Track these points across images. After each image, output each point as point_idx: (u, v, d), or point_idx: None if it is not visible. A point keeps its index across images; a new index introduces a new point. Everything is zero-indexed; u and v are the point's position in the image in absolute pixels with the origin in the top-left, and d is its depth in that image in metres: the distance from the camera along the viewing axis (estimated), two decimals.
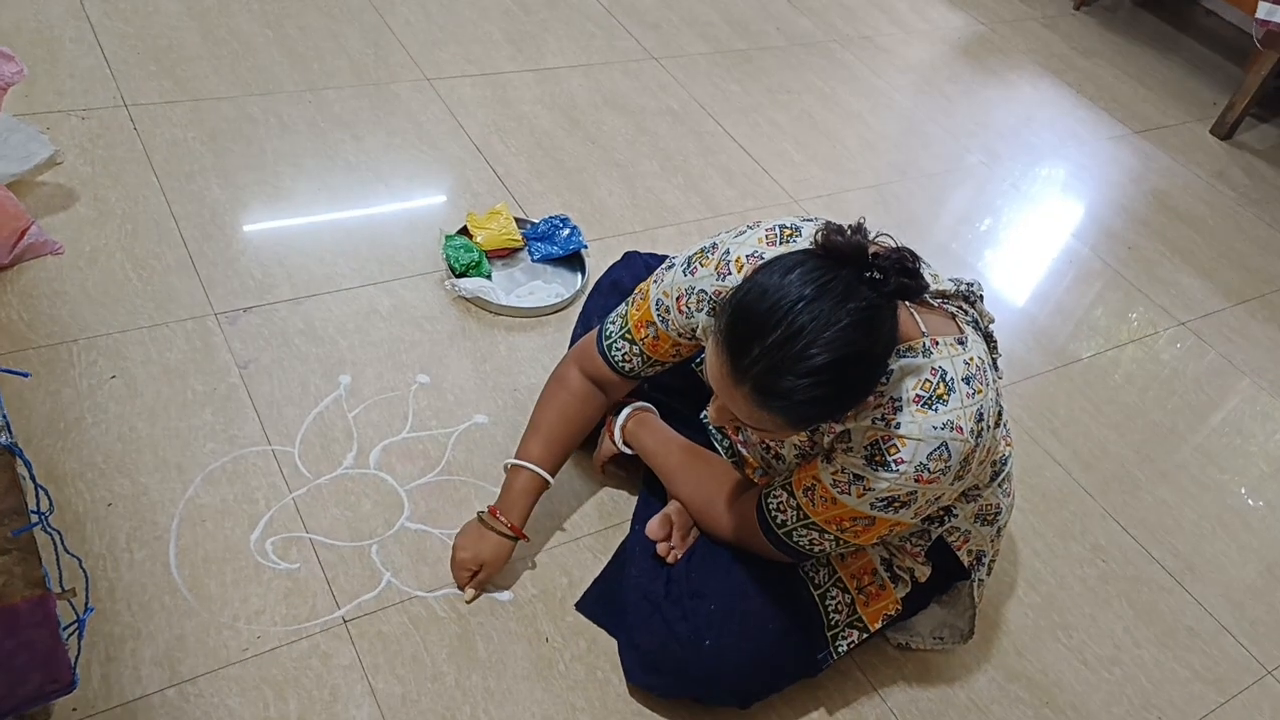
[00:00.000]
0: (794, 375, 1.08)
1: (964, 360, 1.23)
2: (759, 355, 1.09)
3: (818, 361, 1.07)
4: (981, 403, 1.23)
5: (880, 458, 1.21)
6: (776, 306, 1.09)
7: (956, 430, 1.20)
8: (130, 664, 1.33)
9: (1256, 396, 2.39)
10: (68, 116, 2.10)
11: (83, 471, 1.52)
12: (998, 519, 1.49)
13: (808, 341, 1.07)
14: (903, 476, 1.21)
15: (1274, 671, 1.77)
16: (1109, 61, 3.69)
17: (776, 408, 1.11)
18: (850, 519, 1.28)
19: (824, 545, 1.34)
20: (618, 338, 1.47)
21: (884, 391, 1.22)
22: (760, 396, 1.11)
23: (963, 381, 1.21)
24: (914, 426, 1.19)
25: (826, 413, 1.15)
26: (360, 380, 1.77)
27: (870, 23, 3.46)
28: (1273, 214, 3.09)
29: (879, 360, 1.15)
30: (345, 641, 1.42)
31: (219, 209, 2.01)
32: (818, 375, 1.08)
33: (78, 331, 1.71)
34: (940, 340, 1.23)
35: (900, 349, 1.22)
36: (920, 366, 1.21)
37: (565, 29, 2.89)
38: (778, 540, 1.36)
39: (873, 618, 1.44)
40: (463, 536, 1.51)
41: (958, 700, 1.59)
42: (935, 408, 1.20)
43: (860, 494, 1.25)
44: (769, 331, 1.08)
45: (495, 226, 2.08)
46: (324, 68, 2.45)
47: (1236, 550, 1.98)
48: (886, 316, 1.13)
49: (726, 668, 1.37)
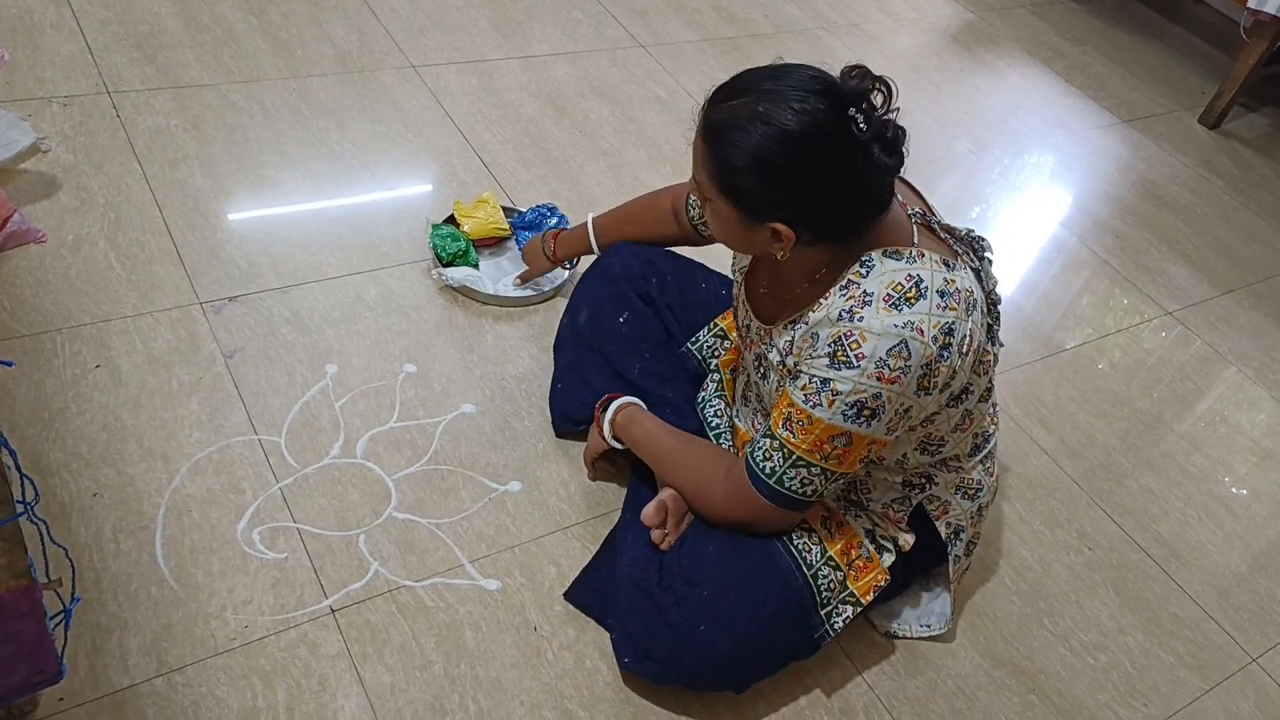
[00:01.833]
0: (732, 118, 1.21)
1: (945, 278, 1.25)
2: (722, 95, 1.24)
3: (756, 115, 1.19)
4: (953, 320, 1.24)
5: (843, 354, 1.25)
6: (756, 73, 1.24)
7: (917, 331, 1.23)
8: (117, 654, 1.33)
9: (1242, 385, 2.40)
10: (49, 103, 2.08)
11: (68, 461, 1.51)
12: (979, 496, 1.51)
13: (757, 100, 1.20)
14: (864, 374, 1.24)
15: (1258, 659, 1.78)
16: (1097, 50, 3.69)
17: (709, 141, 1.24)
18: (829, 438, 1.29)
19: (814, 484, 1.34)
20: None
21: (859, 284, 1.26)
22: (705, 129, 1.25)
23: (936, 293, 1.24)
24: (876, 321, 1.23)
25: (738, 177, 1.23)
26: (347, 370, 1.76)
27: (859, 10, 3.46)
28: (1260, 203, 3.10)
29: (806, 173, 1.21)
30: (333, 631, 1.42)
31: (203, 197, 1.99)
32: (747, 129, 1.19)
33: (61, 321, 1.69)
34: (928, 255, 1.27)
35: (887, 250, 1.27)
36: (899, 269, 1.25)
37: (551, 16, 2.88)
38: (771, 492, 1.36)
39: (864, 590, 1.45)
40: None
41: (944, 687, 1.59)
42: (900, 308, 1.23)
43: (830, 401, 1.27)
44: (738, 85, 1.24)
45: (482, 215, 2.07)
46: (308, 54, 2.44)
47: (1222, 538, 1.99)
48: (836, 145, 1.19)
49: (720, 653, 1.37)
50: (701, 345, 1.74)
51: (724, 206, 1.27)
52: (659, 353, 1.70)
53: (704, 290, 1.78)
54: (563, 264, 1.95)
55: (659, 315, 1.74)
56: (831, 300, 1.28)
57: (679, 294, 1.75)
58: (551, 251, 1.91)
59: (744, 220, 1.27)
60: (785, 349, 1.36)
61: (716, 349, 1.73)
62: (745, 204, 1.25)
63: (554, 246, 1.91)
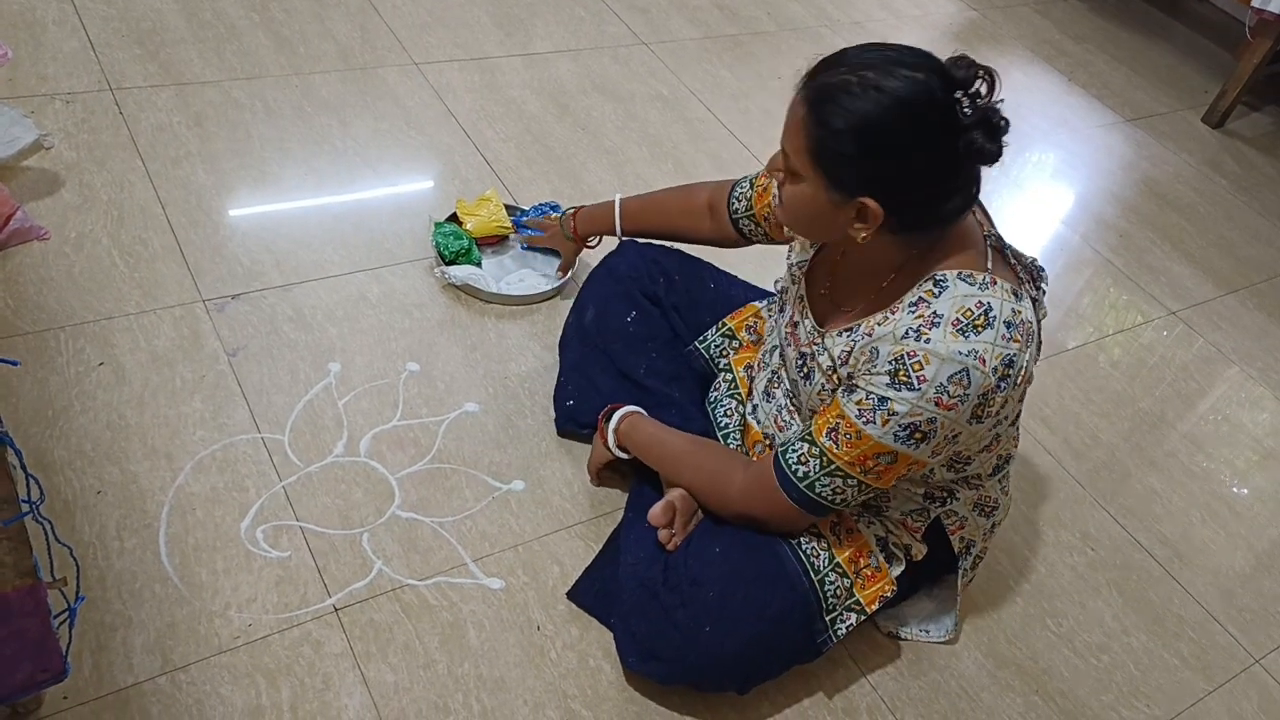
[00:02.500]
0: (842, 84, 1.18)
1: (1013, 309, 1.25)
2: (829, 67, 1.22)
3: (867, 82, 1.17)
4: (1015, 353, 1.24)
5: (904, 375, 1.24)
6: (864, 47, 1.22)
7: (980, 361, 1.22)
8: (121, 652, 1.33)
9: (1245, 385, 2.40)
10: (52, 100, 2.08)
11: (71, 459, 1.51)
12: (994, 514, 1.52)
13: (867, 70, 1.18)
14: (923, 397, 1.23)
15: (1261, 660, 1.78)
16: (1100, 48, 3.69)
17: (812, 105, 1.20)
18: (874, 455, 1.29)
19: (846, 494, 1.34)
20: (747, 180, 1.66)
21: (930, 304, 1.25)
22: (809, 95, 1.21)
23: (1004, 324, 1.23)
24: (941, 346, 1.22)
25: (841, 139, 1.19)
26: (350, 368, 1.76)
27: (862, 8, 3.45)
28: (1264, 202, 3.10)
29: (910, 149, 1.19)
30: (337, 629, 1.42)
31: (205, 194, 1.99)
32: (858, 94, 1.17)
33: (64, 319, 1.69)
34: (1000, 283, 1.26)
35: (962, 272, 1.26)
36: (971, 295, 1.24)
37: (554, 13, 2.87)
38: (799, 495, 1.36)
39: (869, 600, 1.45)
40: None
41: (948, 687, 1.59)
42: (968, 335, 1.22)
43: (885, 421, 1.26)
44: (845, 58, 1.21)
45: (485, 213, 2.07)
46: (310, 51, 2.44)
47: (1225, 538, 1.99)
48: (941, 127, 1.19)
49: (726, 654, 1.37)
50: (709, 345, 1.73)
51: (813, 178, 1.23)
52: (665, 352, 1.70)
53: (711, 290, 1.78)
54: (586, 242, 1.94)
55: (665, 315, 1.73)
56: (899, 316, 1.27)
57: (686, 294, 1.75)
58: (572, 230, 1.90)
59: (832, 195, 1.23)
60: (841, 358, 1.35)
61: (724, 349, 1.73)
62: (839, 173, 1.21)
63: (574, 225, 1.90)
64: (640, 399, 1.64)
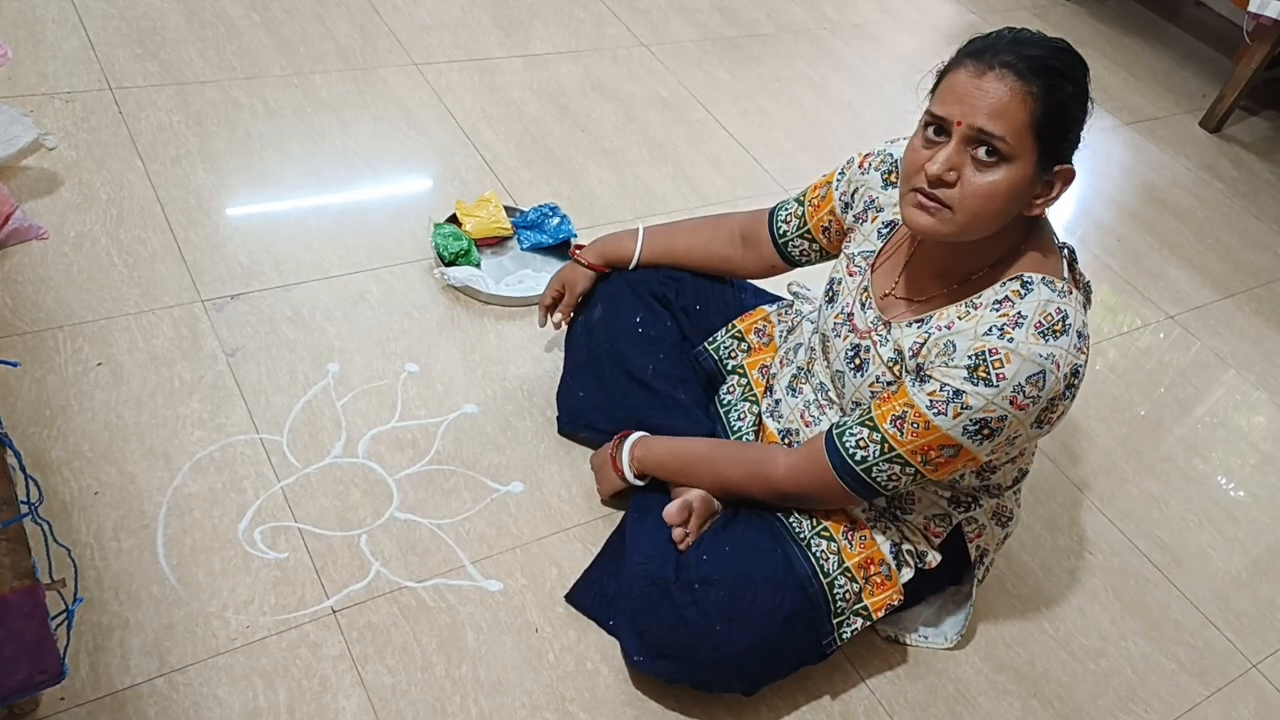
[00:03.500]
0: (1045, 49, 1.22)
1: (1084, 320, 1.29)
2: (1008, 41, 1.22)
3: (1059, 46, 1.23)
4: (1081, 364, 1.27)
5: (984, 370, 1.25)
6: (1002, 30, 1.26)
7: (1055, 365, 1.24)
8: (119, 654, 1.33)
9: (1242, 389, 2.40)
10: (51, 99, 2.08)
11: (69, 460, 1.51)
12: (1008, 524, 1.54)
13: (1044, 41, 1.23)
14: (1000, 394, 1.24)
15: (1258, 665, 1.79)
16: (1098, 52, 3.69)
17: (1033, 73, 1.20)
18: (939, 446, 1.30)
19: (901, 480, 1.35)
20: (791, 200, 1.64)
21: (1015, 303, 1.27)
22: (1014, 66, 1.20)
23: (1076, 333, 1.26)
24: (1024, 346, 1.24)
25: (1069, 101, 1.22)
26: (349, 369, 1.76)
27: (861, 10, 3.45)
28: (1261, 207, 3.10)
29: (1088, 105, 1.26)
30: (334, 631, 1.42)
31: (205, 194, 1.99)
32: (1065, 51, 1.23)
33: (63, 318, 1.69)
34: (1074, 292, 1.30)
35: (1045, 277, 1.29)
36: (1053, 300, 1.26)
37: (554, 15, 2.87)
38: (854, 478, 1.36)
39: (877, 606, 1.45)
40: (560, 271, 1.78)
41: (945, 691, 1.59)
42: (1048, 339, 1.24)
43: (956, 413, 1.27)
44: (1006, 34, 1.25)
45: (484, 214, 2.07)
46: (310, 52, 2.43)
47: (1222, 543, 1.99)
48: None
49: (735, 654, 1.38)
50: (718, 346, 1.73)
51: (1026, 156, 1.23)
52: (673, 354, 1.69)
53: (720, 294, 1.76)
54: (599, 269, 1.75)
55: (674, 317, 1.72)
56: (982, 312, 1.28)
57: (695, 296, 1.74)
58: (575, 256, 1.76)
59: (1039, 169, 1.24)
60: (913, 349, 1.35)
61: (734, 350, 1.72)
62: (1058, 143, 1.24)
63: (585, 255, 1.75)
64: (646, 400, 1.64)
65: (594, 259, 1.74)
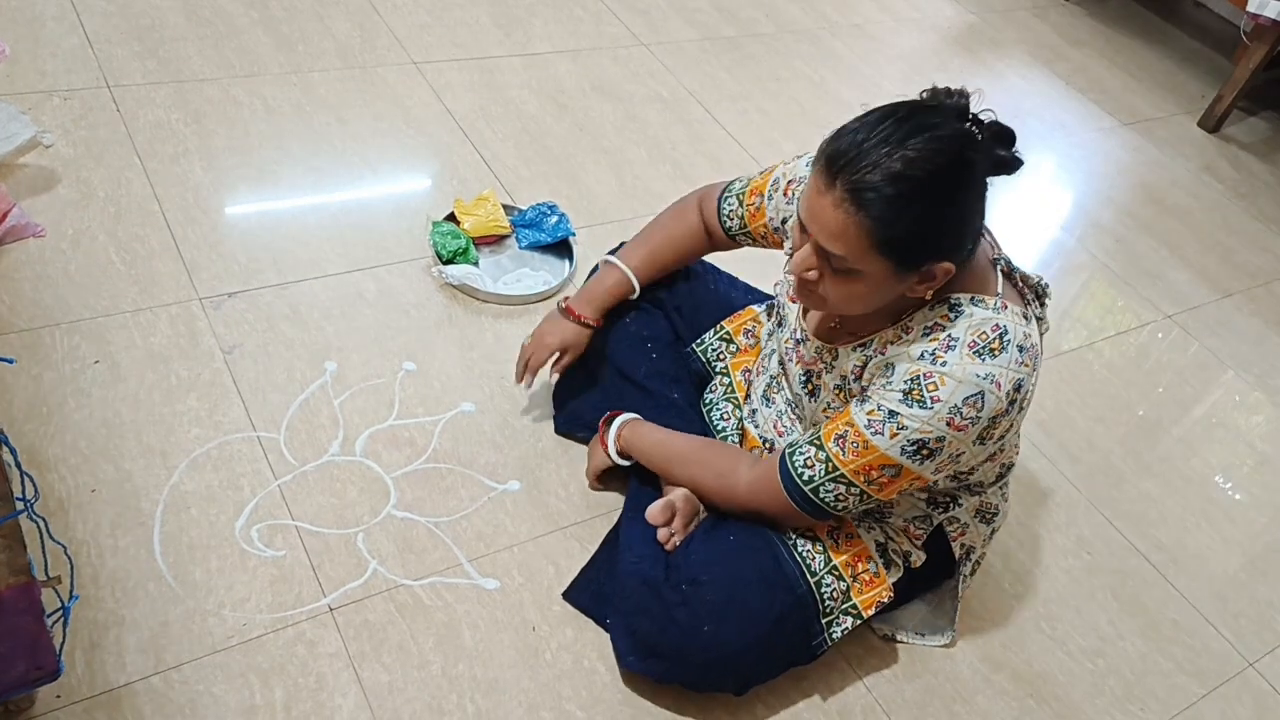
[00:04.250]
0: (884, 171, 1.14)
1: (1024, 332, 1.27)
2: (853, 157, 1.16)
3: (909, 157, 1.14)
4: (1024, 377, 1.26)
5: (918, 393, 1.25)
6: (868, 124, 1.18)
7: (995, 385, 1.23)
8: (115, 651, 1.32)
9: (1240, 389, 2.40)
10: (50, 97, 2.07)
11: (66, 457, 1.51)
12: (994, 520, 1.53)
13: (898, 145, 1.15)
14: (935, 416, 1.24)
15: (1255, 664, 1.79)
16: (1098, 52, 3.69)
17: (865, 204, 1.15)
18: (879, 466, 1.30)
19: (848, 501, 1.35)
20: (734, 194, 1.59)
21: (946, 328, 1.26)
22: (852, 194, 1.16)
23: (1017, 348, 1.25)
24: (959, 368, 1.23)
25: (910, 224, 1.16)
26: (346, 367, 1.76)
27: (860, 10, 3.45)
28: (1260, 207, 3.10)
29: (967, 193, 1.19)
30: (331, 629, 1.42)
31: (203, 192, 1.99)
32: (908, 172, 1.14)
33: (60, 315, 1.69)
34: (1011, 306, 1.28)
35: (974, 296, 1.27)
36: (986, 318, 1.25)
37: (553, 14, 2.87)
38: (802, 497, 1.37)
39: (867, 605, 1.45)
40: (547, 324, 1.65)
41: (942, 690, 1.59)
42: (984, 358, 1.23)
43: (893, 434, 1.27)
44: (861, 141, 1.17)
45: (483, 213, 2.07)
46: (309, 50, 2.43)
47: (1220, 543, 1.99)
48: (975, 165, 1.18)
49: (725, 654, 1.38)
50: (706, 348, 1.73)
51: (876, 269, 1.20)
52: (665, 353, 1.69)
53: (713, 293, 1.77)
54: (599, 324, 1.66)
55: (667, 316, 1.73)
56: (913, 338, 1.28)
57: (688, 296, 1.74)
58: (577, 318, 1.64)
59: (899, 274, 1.21)
60: (854, 372, 1.36)
61: (721, 352, 1.72)
62: (905, 256, 1.19)
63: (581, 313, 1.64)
64: (641, 400, 1.64)
65: (594, 315, 1.64)
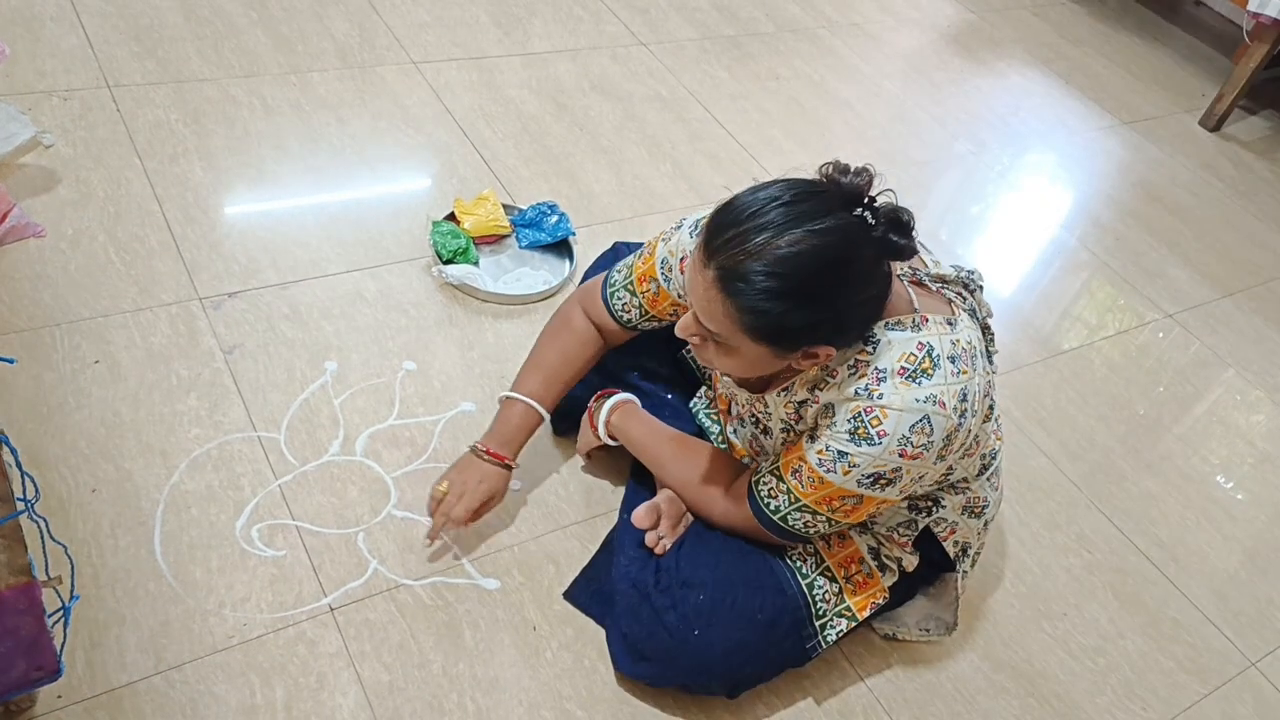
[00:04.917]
0: (757, 261, 1.12)
1: (951, 340, 1.24)
2: (730, 238, 1.13)
3: (781, 253, 1.11)
4: (966, 384, 1.24)
5: (864, 430, 1.23)
6: (755, 202, 1.14)
7: (939, 405, 1.21)
8: (115, 651, 1.32)
9: (1241, 388, 2.40)
10: (49, 97, 2.07)
11: (66, 456, 1.50)
12: (985, 512, 1.50)
13: (776, 233, 1.11)
14: (885, 450, 1.22)
15: (1257, 663, 1.78)
16: (1098, 51, 3.69)
17: (735, 293, 1.13)
18: (839, 498, 1.29)
19: (818, 526, 1.35)
20: (620, 287, 1.50)
21: (869, 362, 1.23)
22: (723, 280, 1.14)
23: (948, 360, 1.23)
24: (896, 398, 1.21)
25: (779, 317, 1.14)
26: (346, 366, 1.76)
27: (860, 9, 3.45)
28: (1260, 206, 3.10)
29: (845, 288, 1.15)
30: (332, 629, 1.42)
31: (202, 192, 1.99)
32: (779, 269, 1.11)
33: (60, 315, 1.69)
34: (931, 319, 1.25)
35: (889, 321, 1.24)
36: (908, 340, 1.23)
37: (552, 13, 2.87)
38: (772, 524, 1.37)
39: (860, 606, 1.44)
40: (470, 470, 1.49)
41: (943, 689, 1.59)
42: (919, 380, 1.21)
43: (846, 471, 1.26)
44: (743, 221, 1.13)
45: (482, 212, 2.07)
46: (308, 49, 2.43)
47: (1221, 541, 1.99)
48: (864, 251, 1.15)
49: (715, 657, 1.37)
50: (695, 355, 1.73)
51: (751, 350, 1.19)
52: (660, 356, 1.69)
53: None
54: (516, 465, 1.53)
55: None
56: (840, 378, 1.25)
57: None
58: (502, 461, 1.50)
59: (777, 353, 1.20)
60: (791, 418, 1.35)
61: None
62: (780, 339, 1.18)
63: (504, 455, 1.50)
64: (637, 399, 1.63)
65: (514, 455, 1.51)
